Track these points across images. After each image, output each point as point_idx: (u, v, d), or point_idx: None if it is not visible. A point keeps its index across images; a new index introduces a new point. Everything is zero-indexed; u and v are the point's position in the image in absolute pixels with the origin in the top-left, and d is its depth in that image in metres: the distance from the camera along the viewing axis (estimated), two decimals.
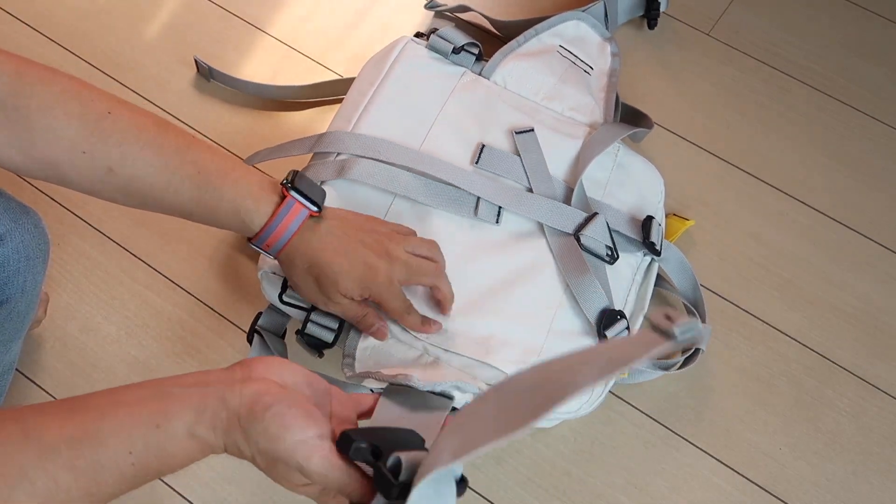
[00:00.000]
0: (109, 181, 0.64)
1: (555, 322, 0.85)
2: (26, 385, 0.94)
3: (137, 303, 0.99)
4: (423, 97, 0.95)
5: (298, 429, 0.49)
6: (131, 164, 0.64)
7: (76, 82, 0.64)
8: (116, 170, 0.64)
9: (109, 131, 0.63)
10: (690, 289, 0.99)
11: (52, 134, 0.61)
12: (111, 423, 0.48)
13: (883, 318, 1.02)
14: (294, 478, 0.51)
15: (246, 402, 0.50)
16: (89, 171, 0.63)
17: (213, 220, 0.69)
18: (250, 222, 0.68)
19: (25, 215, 0.74)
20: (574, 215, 0.89)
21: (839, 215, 1.09)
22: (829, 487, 0.92)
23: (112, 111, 0.63)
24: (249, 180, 0.68)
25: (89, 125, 0.62)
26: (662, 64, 1.22)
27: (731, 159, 1.13)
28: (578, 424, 0.94)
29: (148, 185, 0.65)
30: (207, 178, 0.66)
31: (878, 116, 1.18)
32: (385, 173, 0.87)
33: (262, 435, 0.49)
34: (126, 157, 0.63)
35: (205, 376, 0.52)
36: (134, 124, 0.64)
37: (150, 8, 1.22)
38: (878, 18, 1.27)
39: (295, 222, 0.68)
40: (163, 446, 0.48)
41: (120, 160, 0.63)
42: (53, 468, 0.45)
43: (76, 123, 0.61)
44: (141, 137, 0.64)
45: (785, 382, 0.98)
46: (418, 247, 0.77)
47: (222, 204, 0.67)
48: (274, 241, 0.70)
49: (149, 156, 0.64)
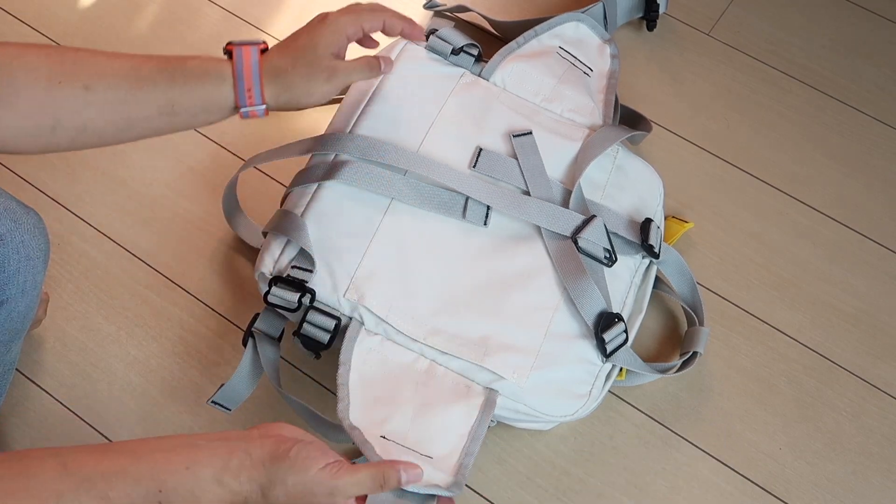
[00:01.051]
0: (90, 100, 0.67)
1: (552, 325, 0.85)
2: (26, 385, 0.94)
3: (137, 303, 0.99)
4: (422, 98, 0.95)
5: (321, 457, 0.59)
6: (103, 75, 0.68)
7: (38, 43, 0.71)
8: (92, 85, 0.67)
9: (76, 59, 0.68)
10: (689, 291, 0.98)
11: (29, 75, 0.65)
12: (145, 464, 0.54)
13: (883, 318, 1.02)
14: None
15: (268, 451, 0.58)
16: (70, 97, 0.67)
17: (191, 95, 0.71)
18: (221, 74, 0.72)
19: (26, 215, 0.74)
20: (571, 218, 0.89)
21: (839, 215, 1.09)
22: (829, 487, 0.92)
23: (74, 48, 0.70)
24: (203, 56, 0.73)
25: (58, 58, 0.67)
26: (662, 64, 1.22)
27: (731, 159, 1.13)
28: (578, 424, 0.94)
29: (124, 89, 0.69)
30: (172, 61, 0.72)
31: (878, 116, 1.18)
32: (374, 175, 0.87)
33: (289, 472, 0.57)
34: (97, 71, 0.68)
35: (226, 434, 0.60)
36: (93, 51, 0.70)
37: (151, 8, 1.22)
38: (878, 18, 1.27)
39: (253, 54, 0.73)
40: (190, 489, 0.54)
41: (93, 75, 0.67)
42: (87, 498, 0.50)
43: (47, 60, 0.67)
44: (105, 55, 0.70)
45: (785, 382, 0.98)
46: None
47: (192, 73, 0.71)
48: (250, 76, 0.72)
49: (117, 64, 0.69)
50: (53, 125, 0.67)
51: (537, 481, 0.91)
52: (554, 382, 0.84)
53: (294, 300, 0.82)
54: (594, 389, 0.86)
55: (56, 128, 0.67)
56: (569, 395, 0.84)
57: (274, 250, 0.86)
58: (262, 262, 0.86)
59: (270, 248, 0.86)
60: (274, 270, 0.85)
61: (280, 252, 0.86)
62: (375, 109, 0.93)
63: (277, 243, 0.86)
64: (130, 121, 0.70)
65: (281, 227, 0.86)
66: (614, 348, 0.86)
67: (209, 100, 0.72)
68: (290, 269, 0.84)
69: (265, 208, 1.05)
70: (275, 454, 0.58)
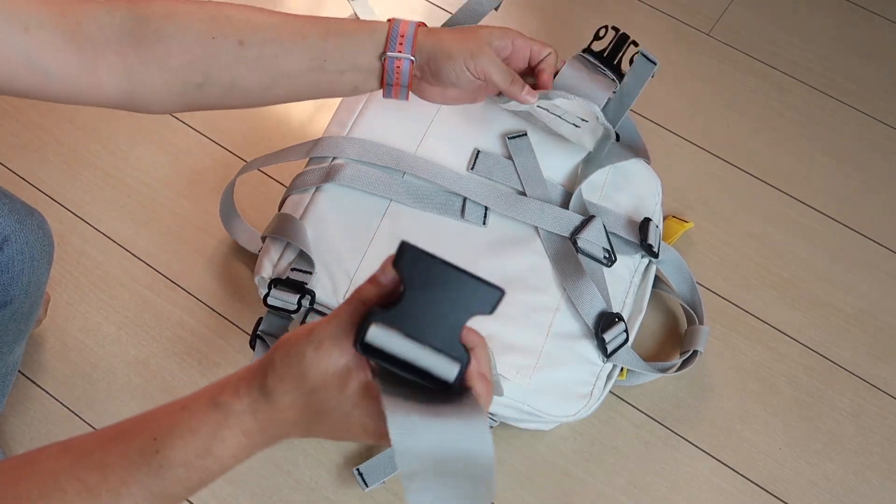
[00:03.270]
0: (244, 56, 0.67)
1: (553, 325, 0.85)
2: (27, 385, 0.94)
3: (137, 303, 0.99)
4: (419, 100, 0.95)
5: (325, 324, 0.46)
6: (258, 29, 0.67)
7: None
8: (247, 39, 0.67)
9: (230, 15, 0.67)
10: (688, 290, 0.99)
11: (182, 33, 0.65)
12: (141, 420, 0.48)
13: (883, 318, 1.03)
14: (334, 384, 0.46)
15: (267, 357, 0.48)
16: (224, 52, 0.66)
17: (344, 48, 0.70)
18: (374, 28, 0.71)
19: (30, 216, 0.74)
20: (570, 219, 0.89)
21: (839, 215, 1.10)
22: (829, 487, 0.92)
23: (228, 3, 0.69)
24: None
25: (212, 15, 0.66)
26: (662, 64, 1.21)
27: (731, 159, 1.13)
28: (579, 424, 0.94)
29: (278, 43, 0.68)
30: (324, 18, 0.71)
31: (878, 116, 1.18)
32: (371, 177, 0.87)
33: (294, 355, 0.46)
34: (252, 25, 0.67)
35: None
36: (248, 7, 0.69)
37: None
38: (878, 18, 1.27)
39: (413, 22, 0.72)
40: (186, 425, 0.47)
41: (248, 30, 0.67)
42: (84, 471, 0.46)
43: (200, 16, 0.66)
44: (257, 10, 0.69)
45: (785, 382, 0.98)
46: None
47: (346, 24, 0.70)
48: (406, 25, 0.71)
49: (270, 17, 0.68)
50: (202, 82, 0.67)
51: (537, 481, 0.91)
52: (556, 383, 0.84)
53: (293, 301, 0.82)
54: (595, 390, 0.86)
55: (204, 84, 0.67)
56: (571, 395, 0.85)
57: (273, 254, 0.86)
58: (262, 267, 0.86)
59: (269, 252, 0.86)
60: (273, 274, 0.85)
61: (279, 256, 0.86)
62: (372, 112, 0.93)
63: (276, 247, 0.86)
64: (278, 77, 0.69)
65: (280, 230, 0.86)
66: (615, 348, 0.86)
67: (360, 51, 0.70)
68: (289, 271, 0.84)
69: (265, 208, 1.05)
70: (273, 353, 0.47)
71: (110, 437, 0.48)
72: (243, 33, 0.67)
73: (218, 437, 0.47)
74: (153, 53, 0.64)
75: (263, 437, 0.48)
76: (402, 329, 0.44)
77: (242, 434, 0.47)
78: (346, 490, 0.90)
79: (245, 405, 0.47)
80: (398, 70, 0.71)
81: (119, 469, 0.46)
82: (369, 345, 0.44)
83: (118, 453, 0.46)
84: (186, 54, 0.65)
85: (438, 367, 0.45)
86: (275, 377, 0.46)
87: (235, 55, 0.66)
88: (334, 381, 0.46)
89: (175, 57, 0.65)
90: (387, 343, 0.44)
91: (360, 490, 0.89)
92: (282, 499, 0.89)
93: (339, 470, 0.91)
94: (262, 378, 0.47)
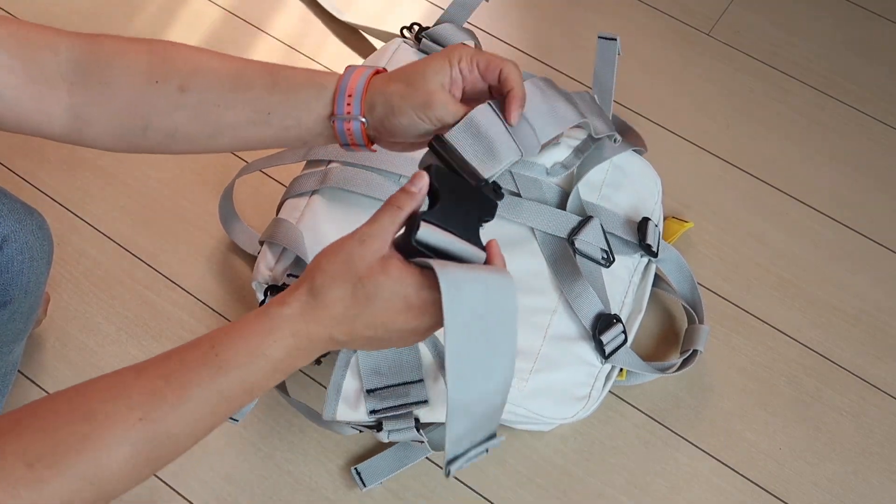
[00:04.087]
0: (184, 102, 0.65)
1: (551, 328, 0.85)
2: (27, 385, 0.94)
3: (137, 303, 0.99)
4: None
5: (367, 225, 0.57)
6: (201, 74, 0.65)
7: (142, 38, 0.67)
8: (188, 85, 0.64)
9: (175, 56, 0.65)
10: (688, 289, 0.98)
11: (126, 74, 0.63)
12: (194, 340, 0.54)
13: (883, 318, 1.02)
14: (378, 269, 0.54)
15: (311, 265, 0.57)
16: (164, 98, 0.64)
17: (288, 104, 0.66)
18: (324, 83, 0.66)
19: (29, 216, 0.74)
20: (567, 219, 0.89)
21: (839, 215, 1.09)
22: (829, 487, 0.92)
23: (175, 45, 0.66)
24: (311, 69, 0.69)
25: (157, 55, 0.64)
26: (662, 64, 1.22)
27: (731, 159, 1.13)
28: (578, 424, 0.94)
29: (220, 91, 0.65)
30: (276, 66, 0.67)
31: (878, 116, 1.18)
32: (366, 180, 0.87)
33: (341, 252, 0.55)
34: (195, 70, 0.65)
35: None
36: (196, 49, 0.67)
37: (151, 8, 1.22)
38: (878, 18, 1.27)
39: (366, 72, 0.66)
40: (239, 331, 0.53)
41: (190, 74, 0.64)
42: (146, 380, 0.52)
43: (145, 57, 0.64)
44: (205, 53, 0.66)
45: (785, 382, 0.98)
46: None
47: (294, 79, 0.66)
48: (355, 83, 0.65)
49: (216, 63, 0.66)
50: (145, 126, 0.65)
51: (537, 481, 0.91)
52: (554, 385, 0.84)
53: None
54: (594, 391, 0.85)
55: (147, 129, 0.65)
56: (569, 397, 0.84)
57: (269, 259, 0.86)
58: (258, 272, 0.86)
59: (266, 257, 0.86)
60: (269, 279, 0.85)
61: (276, 261, 0.86)
62: None
63: (273, 252, 0.86)
64: (220, 127, 0.66)
65: (276, 235, 0.86)
66: (613, 349, 0.86)
67: (305, 108, 0.66)
68: (285, 277, 0.84)
69: (264, 209, 1.05)
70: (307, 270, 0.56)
71: (169, 353, 0.53)
72: (184, 78, 0.64)
73: (269, 339, 0.53)
74: (98, 94, 0.63)
75: (310, 339, 0.54)
76: (443, 225, 0.55)
77: (291, 335, 0.53)
78: (345, 490, 0.90)
79: (293, 309, 0.54)
80: (349, 132, 0.66)
81: (181, 374, 0.52)
82: (420, 238, 0.54)
83: (178, 361, 0.52)
84: (128, 98, 0.64)
85: (471, 254, 0.56)
86: (323, 276, 0.54)
87: (175, 101, 0.64)
88: (377, 267, 0.53)
89: (117, 99, 0.63)
90: (431, 236, 0.54)
91: (359, 490, 0.89)
92: (282, 499, 0.89)
93: (339, 470, 0.91)
94: (310, 281, 0.54)
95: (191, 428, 0.53)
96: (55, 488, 0.48)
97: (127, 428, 0.50)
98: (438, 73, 0.64)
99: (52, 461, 0.49)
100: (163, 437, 0.51)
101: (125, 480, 0.51)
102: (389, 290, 0.53)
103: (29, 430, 0.50)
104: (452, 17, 1.01)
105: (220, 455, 0.91)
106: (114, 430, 0.50)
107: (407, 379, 0.78)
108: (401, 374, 0.79)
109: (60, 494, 0.48)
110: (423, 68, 0.64)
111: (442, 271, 0.51)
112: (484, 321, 0.53)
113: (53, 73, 0.62)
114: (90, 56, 0.63)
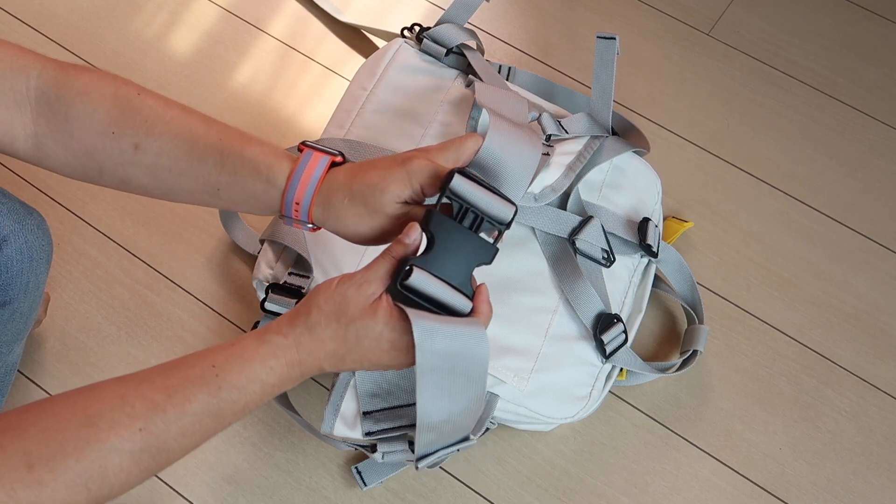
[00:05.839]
0: (138, 160, 0.65)
1: (552, 327, 0.85)
2: (27, 385, 0.94)
3: (137, 303, 0.99)
4: (416, 102, 0.95)
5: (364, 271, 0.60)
6: (157, 137, 0.65)
7: (115, 75, 0.67)
8: (143, 145, 0.64)
9: (137, 109, 0.65)
10: (688, 290, 0.98)
11: (87, 117, 0.63)
12: (193, 356, 0.57)
13: (883, 318, 1.02)
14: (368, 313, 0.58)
15: (309, 300, 0.60)
16: (118, 152, 0.65)
17: (236, 187, 0.66)
18: (273, 178, 0.65)
19: (29, 216, 0.74)
20: (568, 219, 0.89)
21: (839, 215, 1.09)
22: (829, 487, 0.92)
23: (141, 93, 0.66)
24: (269, 147, 0.67)
25: (119, 104, 0.64)
26: (662, 64, 1.22)
27: (731, 159, 1.13)
28: (578, 424, 0.94)
29: (173, 158, 0.65)
30: (230, 143, 0.66)
31: (878, 116, 1.18)
32: None
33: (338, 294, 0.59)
34: (152, 131, 0.64)
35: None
36: (161, 103, 0.66)
37: (151, 8, 1.22)
38: (878, 18, 1.27)
39: (319, 168, 0.65)
40: (239, 354, 0.57)
41: (146, 134, 0.64)
42: (149, 391, 0.54)
43: (107, 104, 0.64)
44: (167, 113, 0.65)
45: (785, 382, 0.98)
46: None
47: (244, 164, 0.65)
48: (303, 192, 0.64)
49: (174, 128, 0.65)
50: (100, 170, 0.66)
51: (537, 481, 0.91)
52: (554, 385, 0.84)
53: (290, 307, 0.82)
54: (594, 391, 0.86)
55: (102, 173, 0.66)
56: (569, 397, 0.84)
57: (270, 257, 0.86)
58: (259, 270, 0.85)
59: (267, 255, 0.86)
60: (270, 277, 0.85)
61: (277, 259, 0.86)
62: (370, 114, 0.93)
63: (274, 250, 0.86)
64: (174, 189, 0.66)
65: (277, 233, 0.86)
66: (614, 349, 0.86)
67: (255, 197, 0.66)
68: (286, 275, 0.84)
69: None
70: (305, 303, 0.60)
71: (168, 367, 0.56)
72: (141, 138, 0.64)
73: (267, 366, 0.57)
74: (58, 132, 0.64)
75: (301, 368, 0.59)
76: (433, 272, 0.58)
77: (286, 364, 0.58)
78: (345, 490, 0.90)
79: (290, 340, 0.58)
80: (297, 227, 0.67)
81: (182, 389, 0.55)
82: (408, 284, 0.57)
83: (180, 377, 0.55)
84: (85, 143, 0.64)
85: (457, 302, 0.59)
86: (319, 313, 0.58)
87: (130, 157, 0.65)
88: (368, 311, 0.58)
89: (75, 141, 0.64)
90: (422, 282, 0.57)
91: (359, 490, 0.89)
92: (282, 499, 0.89)
93: (339, 470, 0.91)
94: (305, 316, 0.58)
95: (184, 442, 0.55)
96: (53, 491, 0.49)
97: (128, 437, 0.52)
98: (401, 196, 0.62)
99: (53, 464, 0.49)
100: (159, 449, 0.54)
101: (118, 488, 0.53)
102: (377, 332, 0.58)
103: (32, 430, 0.50)
104: (453, 17, 1.01)
105: (221, 455, 0.91)
106: (115, 438, 0.52)
107: (401, 402, 0.78)
108: (395, 398, 0.79)
109: (56, 498, 0.50)
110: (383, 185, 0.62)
111: (416, 322, 0.56)
112: (453, 364, 0.58)
113: (22, 97, 0.62)
114: (57, 90, 0.63)
